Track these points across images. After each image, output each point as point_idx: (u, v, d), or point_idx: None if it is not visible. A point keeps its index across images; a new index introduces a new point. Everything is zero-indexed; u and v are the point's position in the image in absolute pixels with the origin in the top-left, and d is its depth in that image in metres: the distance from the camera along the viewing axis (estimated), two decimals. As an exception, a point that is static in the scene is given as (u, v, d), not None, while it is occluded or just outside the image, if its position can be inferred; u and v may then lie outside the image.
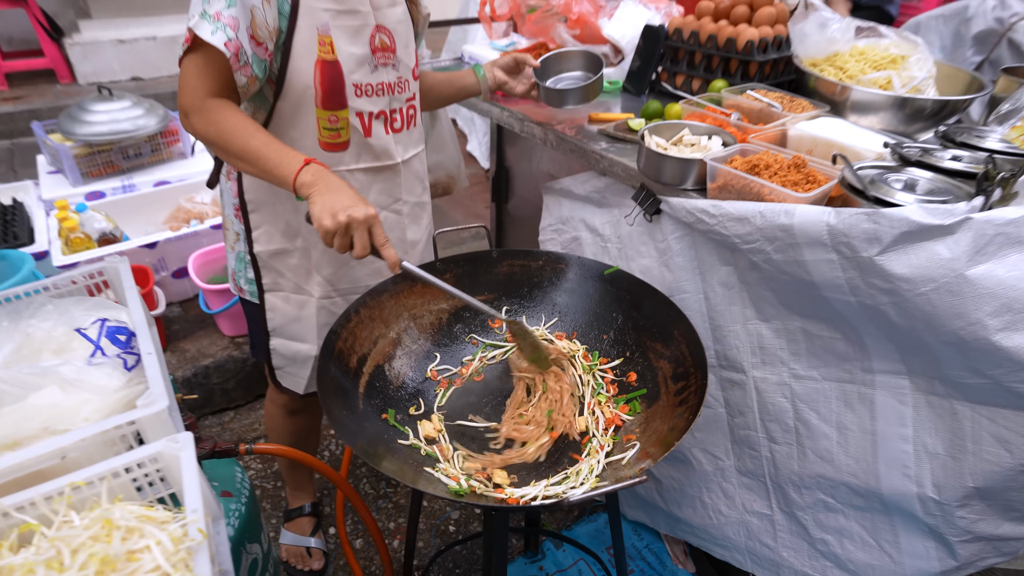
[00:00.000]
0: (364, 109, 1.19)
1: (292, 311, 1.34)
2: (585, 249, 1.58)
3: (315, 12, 1.08)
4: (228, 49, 1.00)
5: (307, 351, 1.39)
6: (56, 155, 2.63)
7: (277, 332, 1.37)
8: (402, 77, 1.25)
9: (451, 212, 3.39)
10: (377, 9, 1.18)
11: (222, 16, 1.00)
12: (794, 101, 1.46)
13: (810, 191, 1.07)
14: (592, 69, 1.54)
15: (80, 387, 0.87)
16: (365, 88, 1.18)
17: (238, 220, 1.29)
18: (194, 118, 1.06)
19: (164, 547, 0.65)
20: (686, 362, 1.03)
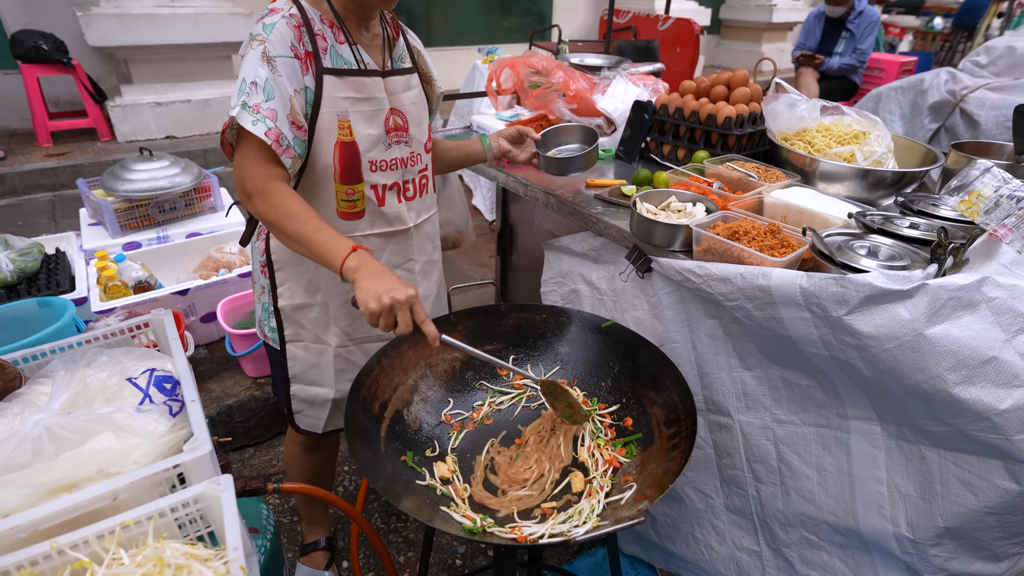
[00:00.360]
0: (378, 182, 1.25)
1: (311, 359, 1.38)
2: (583, 301, 1.63)
3: (336, 101, 1.16)
4: (269, 138, 1.06)
5: (325, 395, 1.42)
6: (98, 209, 2.70)
7: (297, 379, 1.41)
8: (415, 152, 1.32)
9: (459, 262, 3.46)
10: (392, 94, 1.25)
11: (261, 109, 1.06)
12: (769, 171, 1.54)
13: (784, 255, 1.13)
14: (588, 141, 1.62)
15: (131, 432, 0.90)
16: (379, 164, 1.24)
17: (264, 276, 1.34)
18: (255, 200, 1.10)
19: (210, 583, 0.68)
20: (677, 409, 1.07)
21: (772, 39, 9.14)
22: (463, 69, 4.96)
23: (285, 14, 1.11)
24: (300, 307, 1.34)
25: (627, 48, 3.66)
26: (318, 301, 1.34)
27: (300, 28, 1.12)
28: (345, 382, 1.41)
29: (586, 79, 2.07)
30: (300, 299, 1.33)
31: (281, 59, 1.08)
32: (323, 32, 1.15)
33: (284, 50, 1.09)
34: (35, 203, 3.97)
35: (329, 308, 1.34)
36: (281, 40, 1.09)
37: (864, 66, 4.69)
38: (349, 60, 1.18)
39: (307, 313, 1.35)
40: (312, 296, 1.34)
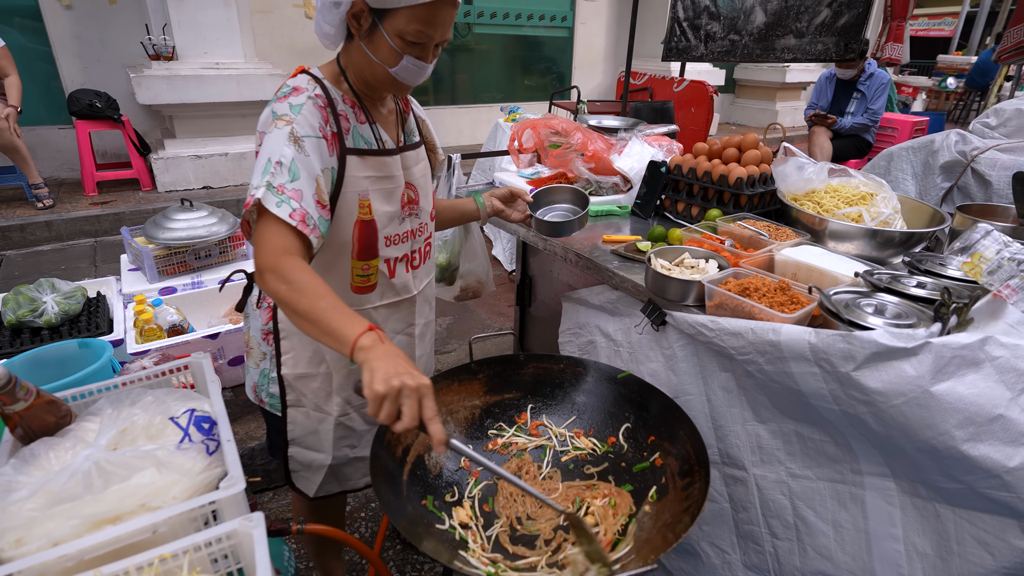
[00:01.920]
0: (391, 256, 1.29)
1: (311, 425, 1.38)
2: (600, 352, 1.67)
3: (358, 180, 1.18)
4: (294, 219, 1.03)
5: (322, 460, 1.42)
6: (138, 255, 2.85)
7: (296, 442, 1.40)
8: (423, 223, 1.36)
9: (479, 311, 3.53)
10: (406, 169, 1.29)
11: (285, 189, 1.04)
12: (779, 229, 1.60)
13: (794, 312, 1.17)
14: (580, 204, 1.67)
15: (171, 469, 0.96)
16: (394, 238, 1.28)
17: (267, 343, 1.34)
18: (267, 276, 1.03)
19: (244, 615, 0.71)
20: (691, 460, 1.09)
21: (785, 98, 9.40)
22: (486, 126, 5.18)
23: (311, 94, 1.13)
24: (303, 376, 1.33)
25: (643, 109, 3.82)
26: (321, 372, 1.34)
27: (326, 109, 1.14)
28: (344, 447, 1.42)
29: (603, 140, 2.18)
30: (303, 369, 1.33)
31: (309, 139, 1.09)
32: (345, 112, 1.18)
33: (312, 131, 1.10)
34: (78, 248, 4.18)
35: (333, 379, 1.35)
36: (309, 121, 1.10)
37: (876, 125, 4.80)
38: (370, 140, 1.21)
39: (309, 383, 1.34)
40: (316, 367, 1.33)
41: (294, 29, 5.93)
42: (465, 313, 3.46)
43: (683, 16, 2.91)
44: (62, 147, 5.18)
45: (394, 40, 1.10)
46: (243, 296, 1.40)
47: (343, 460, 1.44)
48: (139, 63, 4.91)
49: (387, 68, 1.13)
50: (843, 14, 3.38)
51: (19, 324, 2.32)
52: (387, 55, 1.12)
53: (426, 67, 1.16)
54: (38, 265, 3.85)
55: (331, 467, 1.44)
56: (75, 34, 5.06)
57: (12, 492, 0.88)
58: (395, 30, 1.09)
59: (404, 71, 1.14)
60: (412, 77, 1.16)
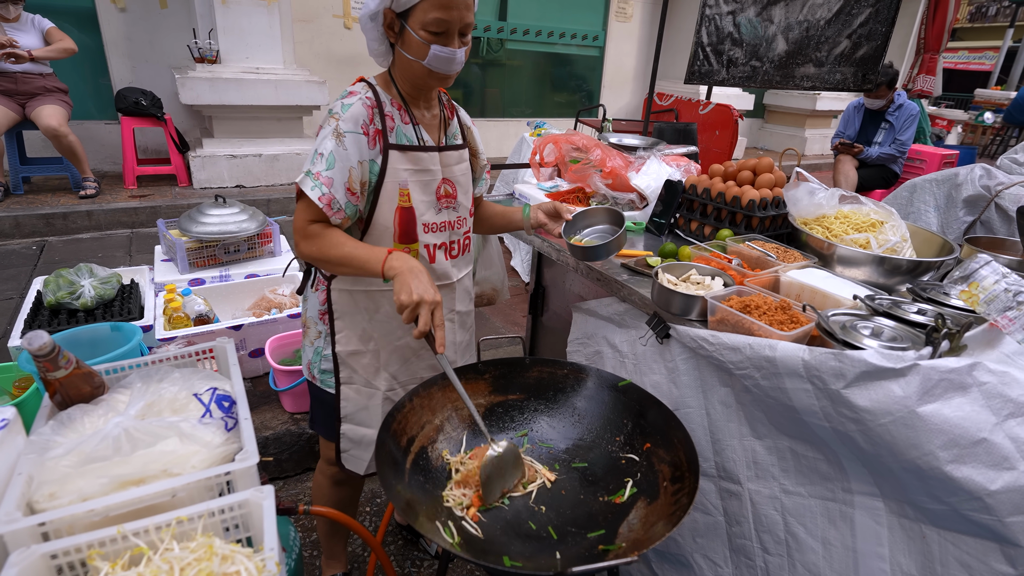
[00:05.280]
0: (430, 242, 1.41)
1: (362, 401, 1.49)
2: (606, 362, 1.72)
3: (398, 172, 1.33)
4: (321, 202, 1.25)
5: (372, 435, 1.51)
6: (172, 247, 2.98)
7: (348, 419, 1.51)
8: (461, 216, 1.48)
9: (493, 319, 3.60)
10: (445, 167, 1.42)
11: (321, 176, 1.25)
12: (788, 252, 1.63)
13: (792, 330, 1.21)
14: (616, 223, 1.65)
15: (192, 440, 1.03)
16: (431, 226, 1.41)
17: (323, 322, 1.47)
18: (301, 242, 1.31)
19: (250, 572, 0.78)
20: (683, 467, 1.13)
21: (815, 125, 9.35)
22: (512, 139, 5.28)
23: (362, 97, 1.30)
24: (354, 353, 1.47)
25: (667, 130, 3.87)
26: (370, 349, 1.47)
27: (373, 109, 1.30)
28: None
29: (622, 157, 2.24)
30: (355, 346, 1.46)
31: (350, 134, 1.26)
32: (392, 114, 1.34)
33: (355, 127, 1.27)
34: (115, 238, 4.36)
35: (380, 355, 1.47)
36: (354, 119, 1.27)
37: (904, 156, 4.78)
38: (411, 138, 1.36)
39: (360, 359, 1.48)
40: (365, 344, 1.47)
41: (332, 38, 6.15)
42: (480, 320, 3.53)
43: (707, 41, 2.98)
44: (106, 141, 5.42)
45: (419, 34, 1.22)
46: (303, 281, 1.53)
47: None
48: (184, 65, 5.14)
49: (421, 62, 1.26)
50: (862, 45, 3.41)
51: (58, 305, 2.46)
52: (417, 50, 1.25)
53: (455, 53, 1.25)
54: (77, 252, 4.04)
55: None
56: (126, 35, 5.32)
57: (49, 450, 0.96)
58: (419, 24, 1.22)
59: (436, 60, 1.25)
60: (444, 65, 1.27)
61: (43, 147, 4.99)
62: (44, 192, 4.72)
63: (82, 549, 0.85)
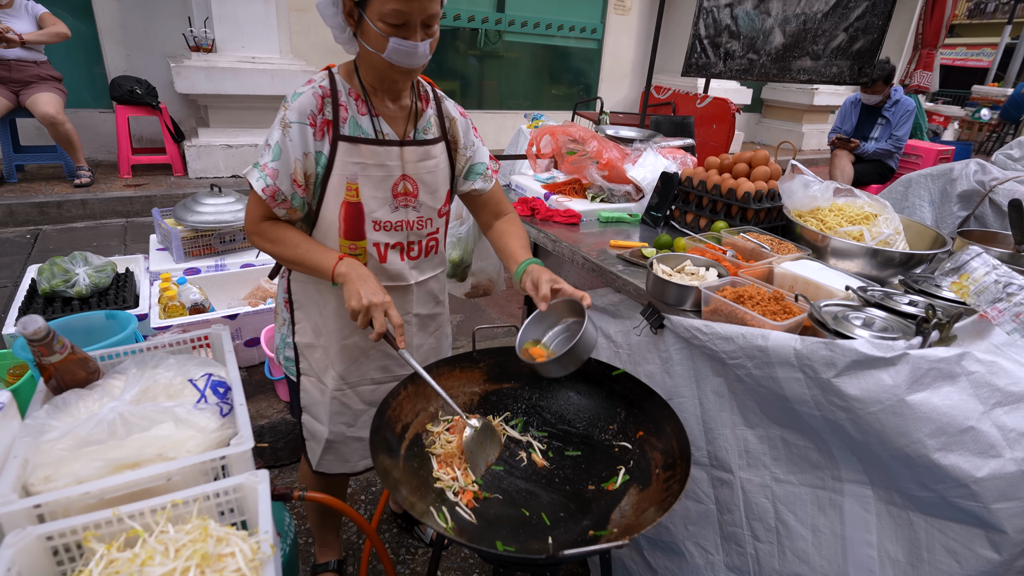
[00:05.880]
0: (381, 241, 1.35)
1: (317, 395, 1.49)
2: (600, 352, 1.72)
3: (346, 165, 1.27)
4: (265, 193, 1.24)
5: (322, 432, 1.50)
6: (167, 236, 2.97)
7: (306, 409, 1.51)
8: (423, 217, 1.39)
9: (489, 310, 3.60)
10: (407, 163, 1.33)
11: (267, 167, 1.23)
12: (782, 244, 1.64)
13: (784, 320, 1.22)
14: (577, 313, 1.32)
15: (188, 425, 1.04)
16: (384, 224, 1.34)
17: (286, 310, 1.48)
18: (253, 238, 1.33)
19: (244, 554, 0.78)
20: (675, 454, 1.14)
21: (812, 120, 9.36)
22: (509, 132, 5.27)
23: (316, 86, 1.25)
24: (309, 345, 1.46)
25: (664, 123, 3.87)
26: (320, 343, 1.45)
27: (324, 99, 1.25)
28: (340, 424, 1.50)
29: (619, 149, 2.24)
30: (309, 339, 1.46)
31: (296, 125, 1.22)
32: (347, 104, 1.27)
33: (301, 118, 1.22)
34: (109, 227, 4.34)
35: (329, 352, 1.45)
36: (301, 109, 1.22)
37: (900, 152, 4.79)
38: (367, 130, 1.28)
39: (313, 353, 1.47)
40: (317, 338, 1.45)
41: (328, 28, 6.10)
42: (476, 311, 3.53)
43: (704, 34, 2.97)
44: (101, 130, 5.38)
45: (378, 25, 1.15)
46: (275, 265, 1.54)
47: (340, 437, 1.52)
48: (179, 53, 5.10)
49: (379, 54, 1.19)
50: (858, 39, 3.41)
51: (52, 293, 2.45)
52: (376, 41, 1.18)
53: (416, 47, 1.17)
54: (71, 241, 4.02)
55: (329, 442, 1.52)
56: (121, 23, 5.27)
57: (44, 433, 0.96)
58: (376, 14, 1.14)
59: (395, 53, 1.17)
60: (405, 59, 1.19)
61: (37, 135, 4.96)
62: (38, 180, 4.69)
63: (78, 531, 0.86)
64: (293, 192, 1.27)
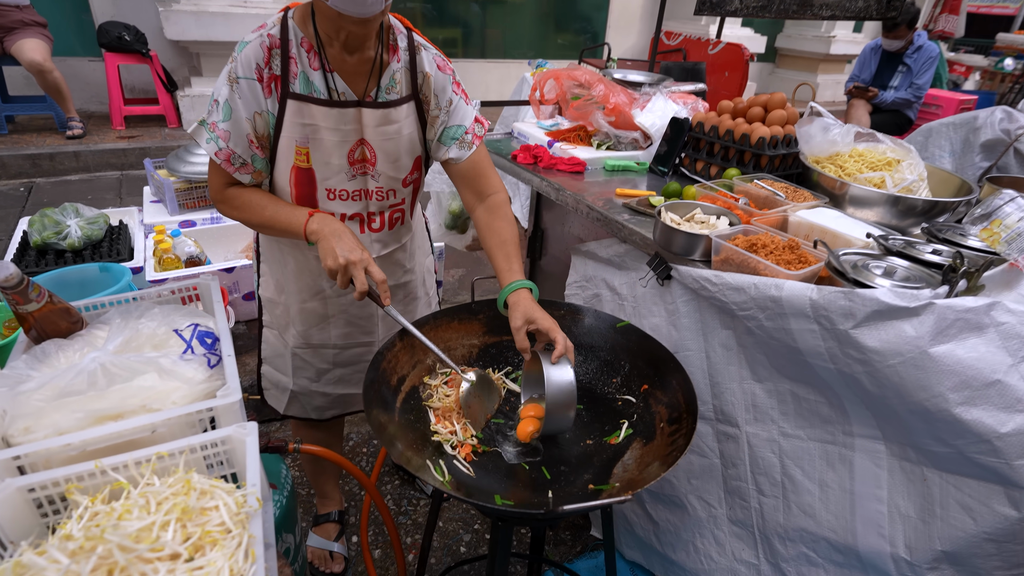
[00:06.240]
0: (336, 211, 1.25)
1: (279, 348, 1.47)
2: (604, 305, 1.67)
3: (296, 126, 1.14)
4: (219, 158, 1.13)
5: (286, 383, 1.50)
6: (160, 187, 2.90)
7: (266, 361, 1.51)
8: (383, 187, 1.27)
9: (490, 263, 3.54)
10: (365, 126, 1.19)
11: (217, 128, 1.11)
12: (797, 192, 1.55)
13: (800, 270, 1.15)
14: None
15: (173, 376, 1.00)
16: (340, 193, 1.23)
17: (255, 260, 1.46)
18: (220, 207, 1.23)
19: (229, 508, 0.75)
20: (680, 408, 1.10)
21: (828, 70, 9.00)
22: (513, 82, 5.07)
23: (263, 34, 1.10)
24: (271, 300, 1.43)
25: (674, 69, 3.69)
26: (282, 301, 1.42)
27: (271, 50, 1.10)
28: (303, 379, 1.48)
29: (626, 93, 2.12)
30: (271, 293, 1.43)
31: (244, 81, 1.09)
32: (297, 56, 1.11)
33: (248, 72, 1.09)
34: (104, 180, 4.26)
35: (290, 311, 1.41)
36: (247, 61, 1.09)
37: (920, 101, 4.59)
38: (319, 88, 1.13)
39: (274, 308, 1.44)
40: (279, 294, 1.41)
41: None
42: (477, 265, 3.47)
43: (720, -33, 2.78)
44: (91, 80, 5.21)
45: None
46: None
47: (304, 390, 1.51)
48: (168, -3, 4.88)
49: (324, 2, 1.00)
50: (889, -31, 3.19)
51: (44, 245, 2.40)
52: None
53: None
54: (66, 194, 3.94)
55: (295, 393, 1.51)
56: (106, -36, 5.02)
57: (22, 383, 0.92)
58: None
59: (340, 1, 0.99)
60: (352, 6, 0.99)
61: (26, 84, 4.80)
62: (29, 132, 4.57)
63: (60, 483, 0.83)
64: (253, 154, 1.16)
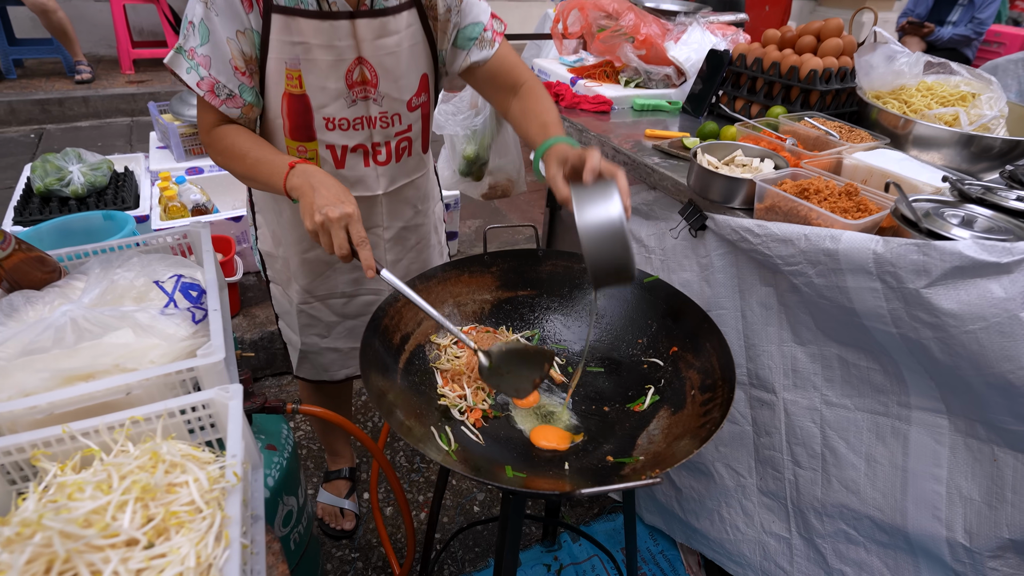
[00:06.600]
0: (336, 142, 1.11)
1: (285, 305, 1.38)
2: (629, 258, 1.53)
3: (285, 46, 0.99)
4: (201, 88, 0.98)
5: (295, 341, 1.42)
6: (165, 132, 2.78)
7: (280, 317, 1.43)
8: (387, 112, 1.12)
9: (510, 214, 3.39)
10: (362, 41, 1.03)
11: (196, 54, 0.97)
12: (853, 131, 1.37)
13: (860, 219, 1.00)
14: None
15: (151, 333, 0.90)
16: (339, 122, 1.09)
17: (250, 211, 1.33)
18: (208, 150, 1.07)
19: (200, 484, 0.66)
20: (715, 375, 0.98)
21: (878, 6, 8.34)
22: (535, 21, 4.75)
23: None
24: (270, 254, 1.33)
25: (711, 1, 3.38)
26: (280, 254, 1.31)
27: None
28: (311, 336, 1.39)
29: (659, 24, 1.91)
30: (269, 247, 1.32)
31: None
32: None
33: None
34: (114, 127, 4.16)
35: (289, 264, 1.30)
36: None
37: (980, 39, 4.19)
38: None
39: (274, 263, 1.34)
40: (276, 247, 1.31)
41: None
42: (494, 215, 3.32)
43: None
44: (98, 21, 5.03)
45: None
46: None
47: (313, 348, 1.42)
48: (172, -70, 4.62)
49: None
50: None
51: (47, 192, 2.32)
52: None
53: None
54: (76, 141, 3.86)
55: (303, 352, 1.43)
56: None
57: (-17, 340, 0.84)
58: None
59: None
60: None
61: (32, 27, 4.65)
62: (38, 77, 4.46)
63: (25, 449, 0.75)
64: (240, 84, 1.00)
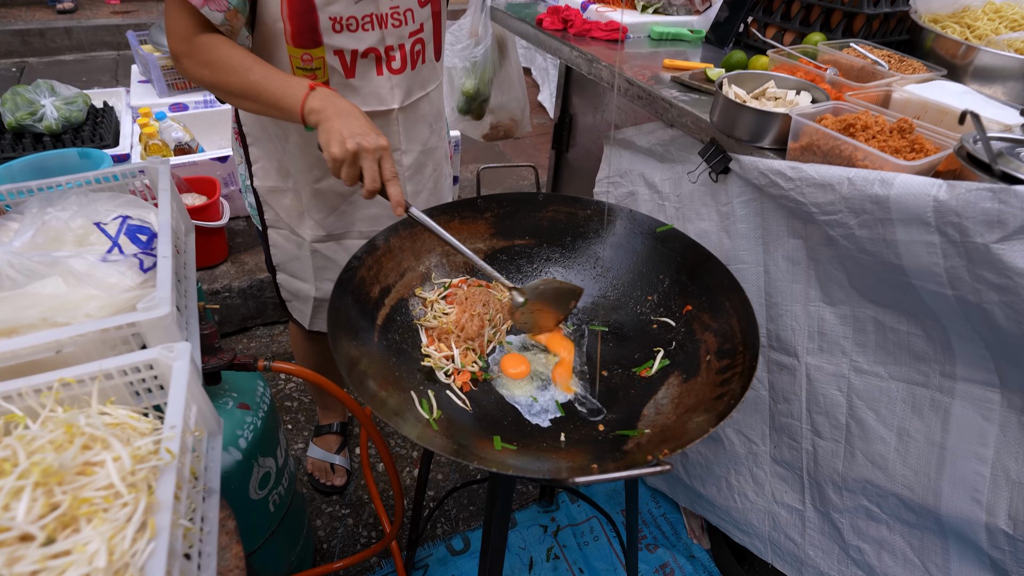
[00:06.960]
0: (345, 47, 0.98)
1: (292, 250, 1.24)
2: (640, 206, 1.39)
3: None
4: None
5: (307, 290, 1.29)
6: (146, 65, 2.60)
7: (281, 268, 1.29)
8: (399, 7, 1.00)
9: (513, 157, 3.20)
10: None
11: None
12: (904, 61, 1.19)
13: (915, 159, 0.85)
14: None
15: (88, 282, 0.79)
16: (347, 22, 0.96)
17: (239, 146, 1.17)
18: (185, 62, 0.92)
19: (122, 464, 0.55)
20: (735, 339, 0.86)
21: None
22: (546, -54, 4.41)
23: None
24: (273, 190, 1.18)
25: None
26: (290, 187, 1.16)
27: None
28: (326, 281, 1.27)
29: (684, -62, 1.68)
30: (273, 181, 1.16)
31: None
32: None
33: None
34: (100, 60, 3.94)
35: (301, 196, 1.16)
36: None
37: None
38: None
39: (280, 199, 1.18)
40: (284, 180, 1.16)
41: None
42: (495, 155, 3.14)
43: None
44: (80, -55, 4.72)
45: None
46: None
47: (328, 295, 1.28)
48: None
49: None
50: None
51: (19, 127, 2.17)
52: None
53: None
54: (60, 75, 3.66)
55: (319, 300, 1.31)
56: None
57: None
58: None
59: None
60: None
61: (9, -49, 4.37)
62: (17, 6, 4.21)
63: (-64, 416, 0.65)
64: None
